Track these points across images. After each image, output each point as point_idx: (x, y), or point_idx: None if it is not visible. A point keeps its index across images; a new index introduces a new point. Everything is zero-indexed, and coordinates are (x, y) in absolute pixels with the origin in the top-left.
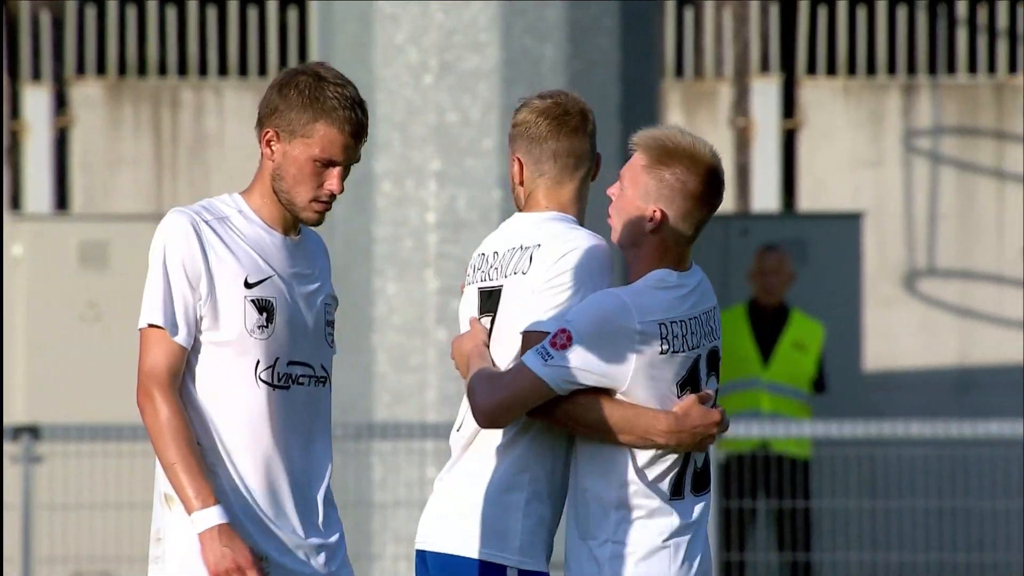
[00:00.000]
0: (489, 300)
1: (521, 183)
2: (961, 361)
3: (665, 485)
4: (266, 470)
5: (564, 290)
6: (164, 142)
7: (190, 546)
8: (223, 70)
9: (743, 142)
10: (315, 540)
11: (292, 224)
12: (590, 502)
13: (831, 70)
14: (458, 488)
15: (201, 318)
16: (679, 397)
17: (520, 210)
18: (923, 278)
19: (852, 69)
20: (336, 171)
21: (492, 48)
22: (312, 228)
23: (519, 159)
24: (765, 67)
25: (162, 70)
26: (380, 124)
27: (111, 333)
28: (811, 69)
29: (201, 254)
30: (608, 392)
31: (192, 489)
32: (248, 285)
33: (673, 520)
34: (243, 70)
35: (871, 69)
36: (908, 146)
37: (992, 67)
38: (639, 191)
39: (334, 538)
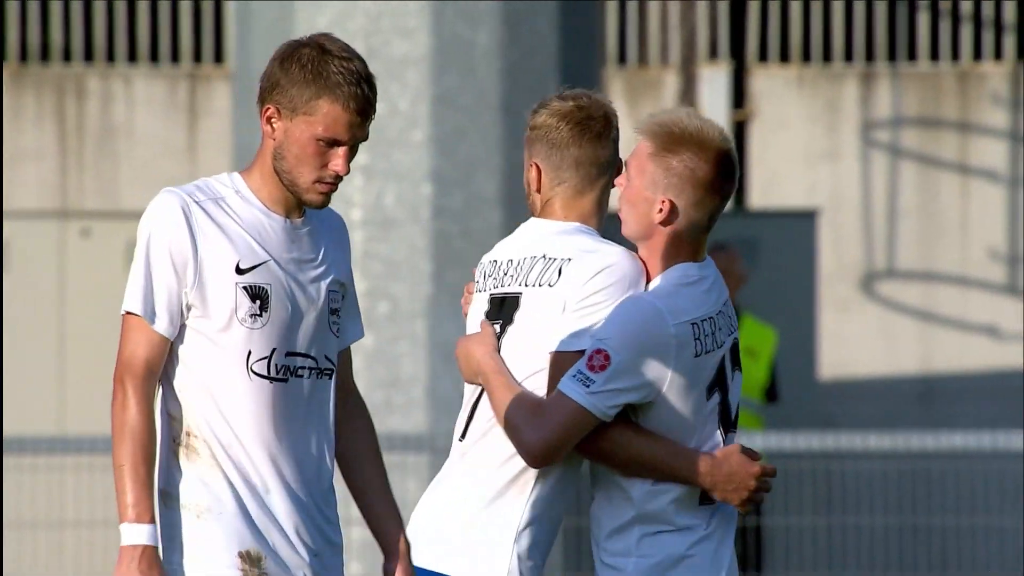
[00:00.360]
0: (502, 308)
1: (538, 190)
2: (923, 368)
3: (692, 494)
4: (264, 466)
5: (600, 309)
6: (69, 133)
7: (195, 544)
8: (132, 57)
9: None
10: (316, 541)
11: (295, 206)
12: (610, 518)
13: (784, 57)
14: (449, 504)
15: (190, 306)
16: (707, 400)
17: (535, 215)
18: (882, 280)
19: (806, 56)
20: (342, 151)
21: (422, 34)
22: (330, 207)
23: (537, 165)
24: (714, 54)
25: (67, 56)
26: None
27: (15, 340)
28: (763, 56)
29: (189, 237)
30: (645, 409)
31: (132, 497)
32: (240, 271)
33: (698, 529)
34: (154, 56)
35: (827, 56)
36: (866, 139)
37: (955, 54)
38: (646, 181)
39: (336, 539)
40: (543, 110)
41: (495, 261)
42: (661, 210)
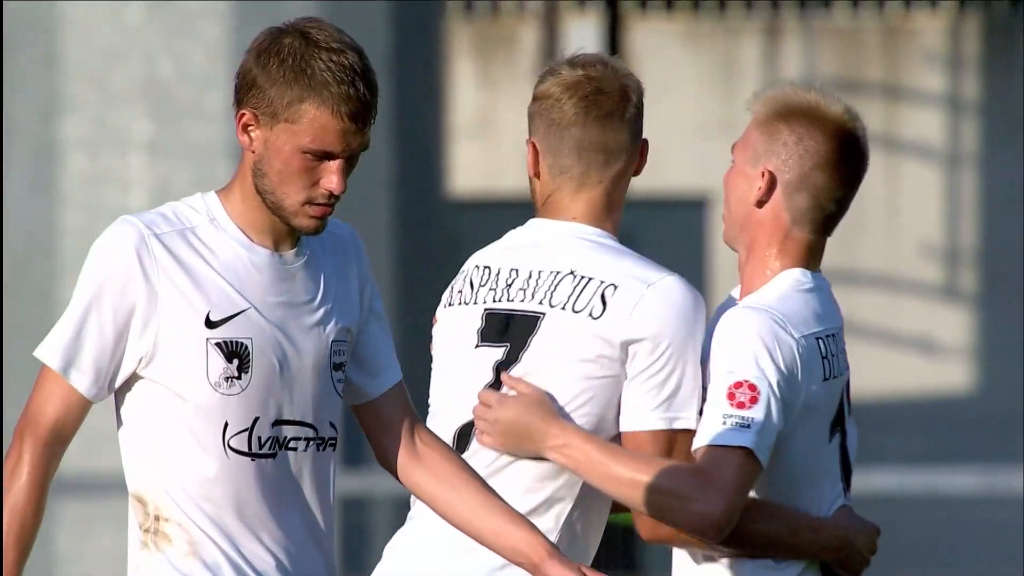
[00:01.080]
0: (507, 327)
1: (537, 175)
2: None
3: (812, 567)
4: (253, 560)
5: (669, 375)
6: None
7: None
8: None
9: None
10: None
11: (285, 234)
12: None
13: (668, 5)
14: (428, 560)
15: (145, 366)
16: (829, 440)
17: (538, 211)
18: None
19: (696, 4)
20: (335, 165)
21: None
22: (340, 228)
23: (534, 144)
24: (582, 2)
25: None
26: (69, 77)
27: None
28: (642, 4)
29: (144, 283)
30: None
31: None
32: (211, 324)
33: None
34: None
35: (721, 4)
36: None
37: (881, 4)
38: (748, 154)
39: None
40: (549, 78)
41: (488, 268)
42: (760, 187)
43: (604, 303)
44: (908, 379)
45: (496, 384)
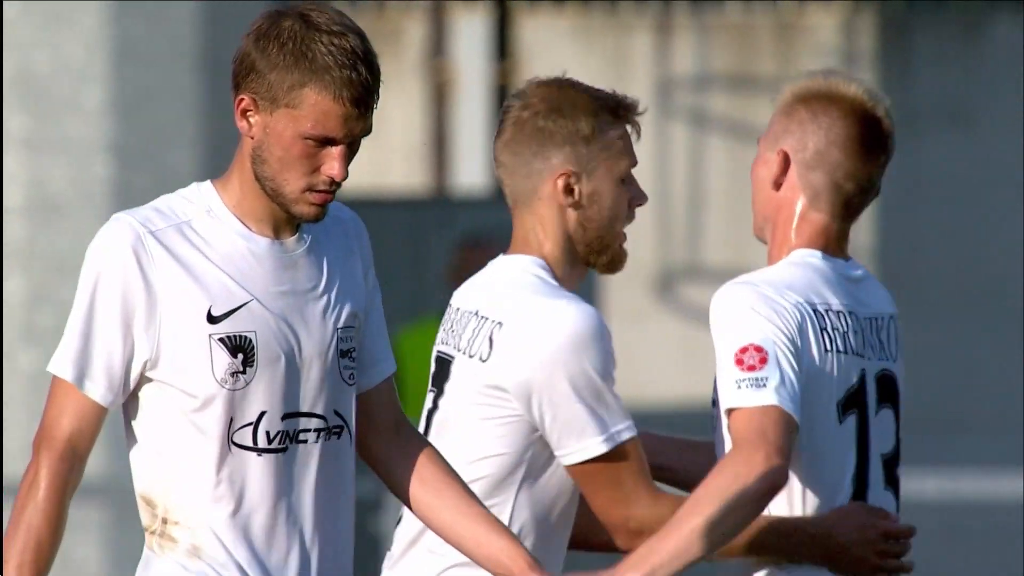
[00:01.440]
0: (438, 372)
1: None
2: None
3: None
4: (264, 560)
5: (556, 410)
6: None
7: None
8: None
9: (440, 98)
10: None
11: (285, 221)
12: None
13: (558, 1)
14: None
15: (151, 367)
16: (840, 422)
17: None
18: (682, 283)
19: (586, 0)
20: (336, 151)
21: None
22: (342, 211)
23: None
24: None
25: None
26: None
27: None
28: None
29: (143, 284)
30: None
31: None
32: (213, 319)
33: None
34: None
35: (612, 0)
36: (662, 104)
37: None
38: (769, 139)
39: None
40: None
41: (450, 305)
42: (776, 167)
43: (491, 345)
44: None
45: (426, 430)
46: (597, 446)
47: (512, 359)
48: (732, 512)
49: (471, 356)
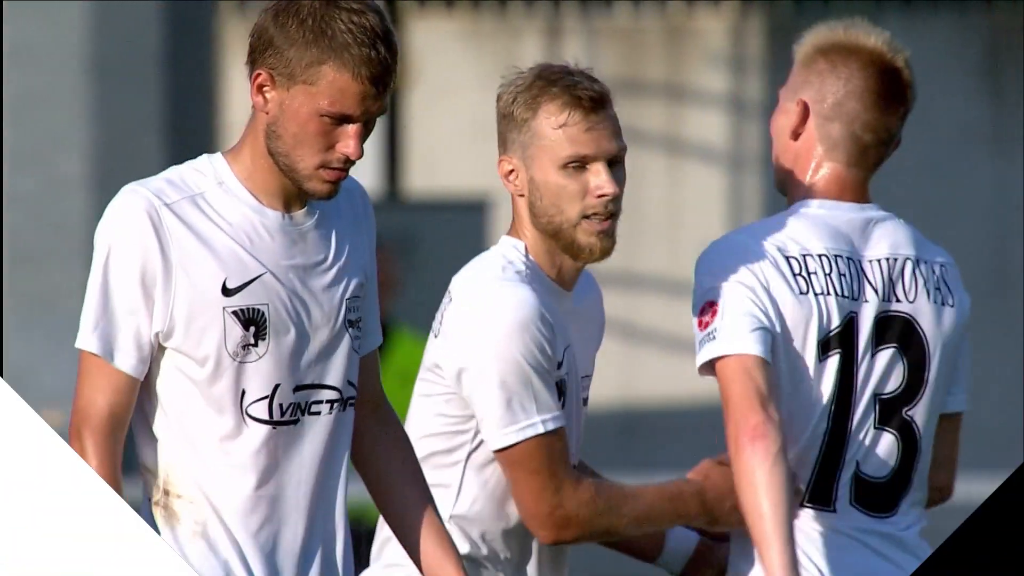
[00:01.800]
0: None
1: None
2: (624, 395)
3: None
4: (267, 533)
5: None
6: None
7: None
8: None
9: None
10: None
11: (295, 196)
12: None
13: (448, 3)
14: None
15: (166, 338)
16: (820, 360)
17: None
18: None
19: (476, 3)
20: (352, 129)
21: None
22: (349, 181)
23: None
24: None
25: None
26: None
27: None
28: (420, 0)
29: (159, 254)
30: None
31: None
32: (227, 291)
33: (818, 526)
34: None
35: (502, 3)
36: None
37: (662, 2)
38: (788, 91)
39: None
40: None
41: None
42: (795, 117)
43: (441, 322)
44: (690, 383)
45: None
46: (515, 434)
47: (451, 338)
48: (771, 490)
49: (435, 335)
